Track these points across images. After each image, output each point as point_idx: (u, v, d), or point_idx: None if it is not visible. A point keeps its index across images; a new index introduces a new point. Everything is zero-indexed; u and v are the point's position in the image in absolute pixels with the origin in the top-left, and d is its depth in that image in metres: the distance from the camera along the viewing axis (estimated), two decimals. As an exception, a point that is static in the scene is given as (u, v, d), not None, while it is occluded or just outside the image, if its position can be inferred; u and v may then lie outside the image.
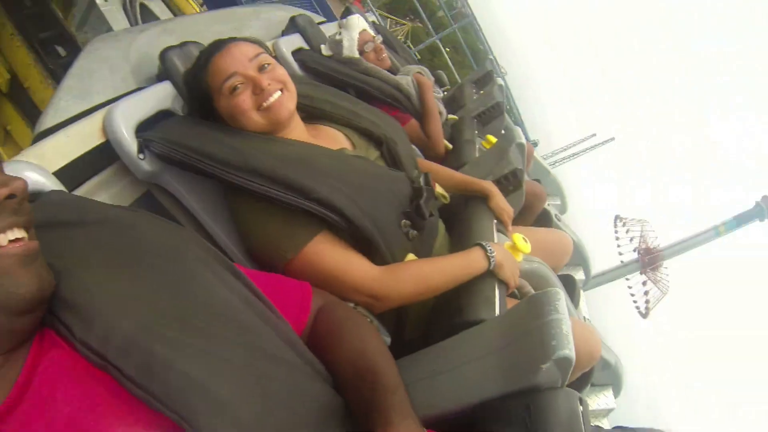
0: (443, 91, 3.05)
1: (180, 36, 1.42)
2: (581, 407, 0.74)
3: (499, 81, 2.94)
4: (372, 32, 2.14)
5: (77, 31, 2.12)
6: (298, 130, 1.16)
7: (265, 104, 1.05)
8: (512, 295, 1.22)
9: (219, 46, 1.09)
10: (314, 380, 0.66)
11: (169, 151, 1.01)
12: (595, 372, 1.26)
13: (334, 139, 1.24)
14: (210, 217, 1.14)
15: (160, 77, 1.28)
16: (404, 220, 1.12)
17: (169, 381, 0.52)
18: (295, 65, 1.86)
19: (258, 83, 1.04)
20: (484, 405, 0.82)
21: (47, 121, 1.07)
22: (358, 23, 2.08)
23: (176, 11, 2.48)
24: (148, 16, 2.20)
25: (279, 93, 1.07)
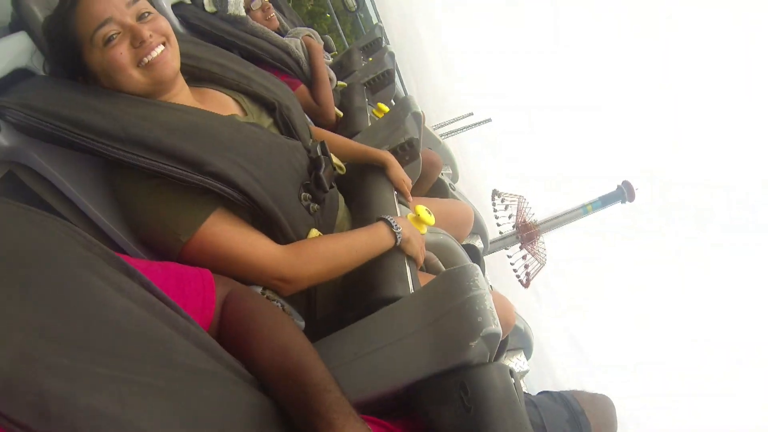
0: (331, 57, 3.00)
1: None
2: (513, 379, 0.75)
3: (390, 48, 2.93)
4: None
5: None
6: (183, 94, 1.03)
7: (146, 59, 0.91)
8: (421, 269, 1.22)
9: None
10: (240, 386, 0.61)
11: (32, 120, 0.81)
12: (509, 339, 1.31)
13: (223, 104, 1.13)
14: (90, 201, 0.95)
15: (13, 27, 1.02)
16: (304, 193, 1.06)
17: (74, 421, 0.41)
18: (175, 20, 1.67)
19: (138, 34, 0.89)
20: (416, 385, 0.80)
21: None
22: None
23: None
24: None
25: (162, 47, 0.93)
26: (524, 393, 0.96)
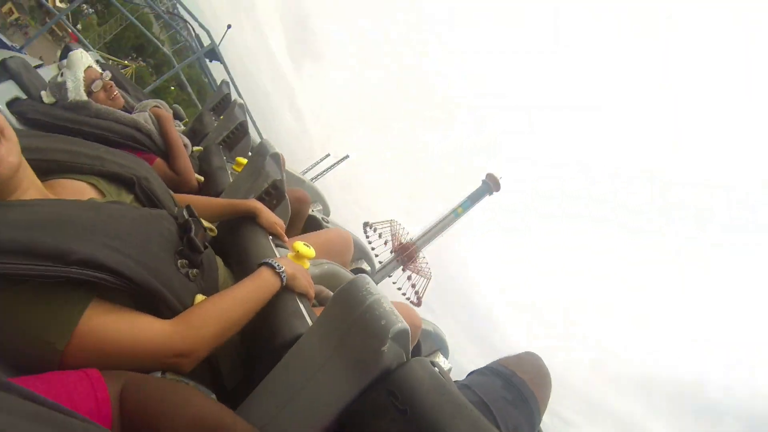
0: (183, 125, 2.94)
1: None
2: (436, 368, 0.78)
3: (239, 101, 2.94)
4: (98, 68, 1.92)
5: None
6: (33, 189, 0.95)
7: None
8: (314, 305, 1.23)
9: None
10: None
11: None
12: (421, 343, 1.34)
13: (78, 192, 1.07)
14: None
15: None
16: (180, 260, 1.02)
17: None
18: (12, 119, 1.57)
19: None
20: (348, 412, 0.80)
21: None
22: (82, 59, 1.83)
23: None
24: None
25: None
26: (454, 381, 0.99)
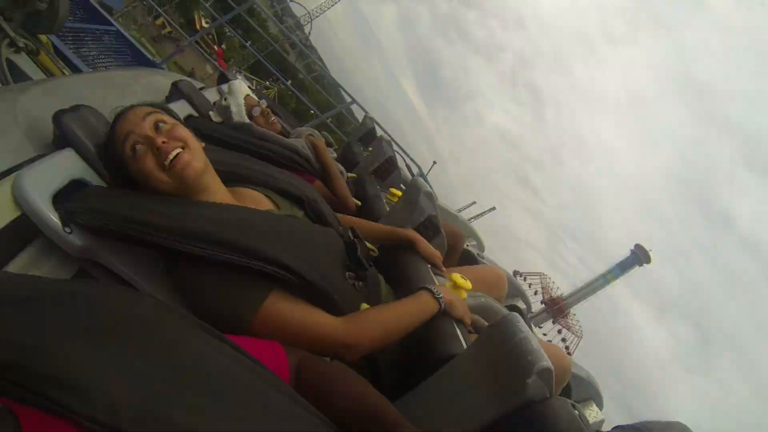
0: (334, 152, 3.21)
1: (64, 99, 1.39)
2: (576, 411, 0.83)
3: (385, 137, 3.18)
4: (255, 97, 2.24)
5: None
6: (221, 193, 1.20)
7: (166, 162, 1.09)
8: (469, 331, 1.34)
9: (121, 112, 1.16)
10: (320, 427, 0.72)
11: (99, 221, 1.00)
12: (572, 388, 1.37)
13: (257, 200, 1.30)
14: (155, 290, 1.11)
15: (57, 143, 1.24)
16: (348, 273, 1.20)
17: None
18: None
19: (152, 141, 1.10)
20: (488, 430, 0.90)
21: None
22: (241, 88, 2.18)
23: (45, 71, 2.43)
24: (14, 71, 2.12)
25: (179, 150, 1.11)
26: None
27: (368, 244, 1.51)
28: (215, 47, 27.72)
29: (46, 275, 1.02)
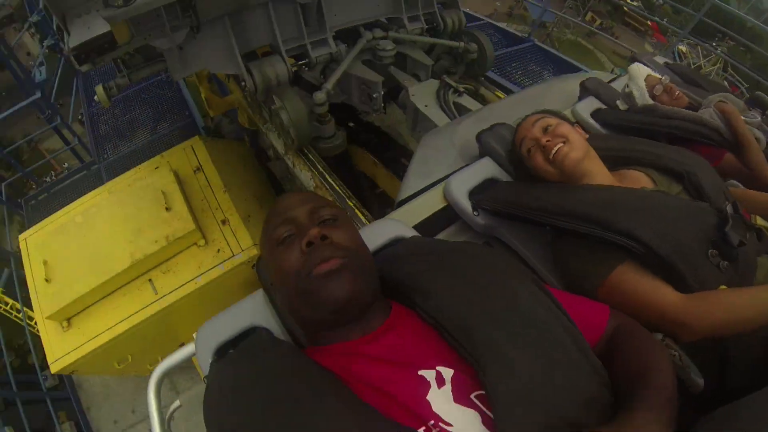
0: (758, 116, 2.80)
1: (489, 121, 1.88)
2: None
3: None
4: (657, 74, 2.23)
5: (411, 132, 2.94)
6: (601, 176, 1.40)
7: (550, 156, 1.38)
8: None
9: (519, 122, 1.53)
10: (593, 382, 0.79)
11: (498, 206, 1.43)
12: None
13: (636, 180, 1.44)
14: (537, 260, 1.45)
15: (480, 155, 1.76)
16: (711, 250, 1.15)
17: (473, 338, 0.80)
18: (596, 125, 2.09)
19: (538, 142, 1.41)
20: None
21: (403, 194, 1.68)
22: (640, 71, 2.20)
23: (483, 102, 3.10)
24: (460, 109, 2.84)
25: (560, 145, 1.37)
26: None
27: (761, 222, 1.39)
28: (648, 23, 26.19)
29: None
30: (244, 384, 0.84)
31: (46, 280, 2.96)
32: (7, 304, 9.21)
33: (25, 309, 6.41)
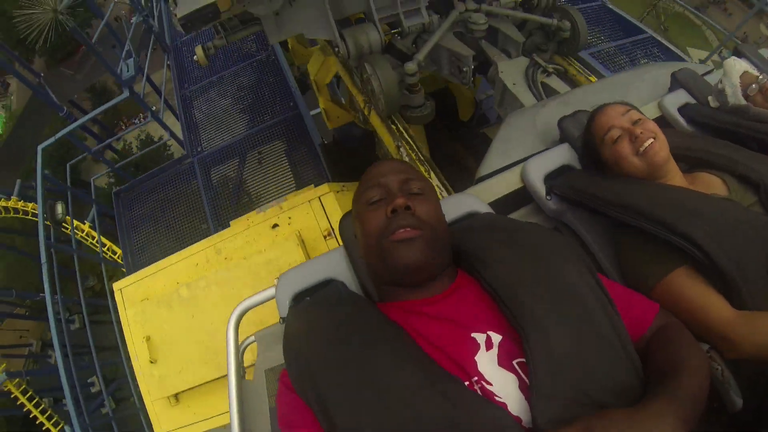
0: None
1: (573, 106, 1.95)
2: None
3: None
4: (755, 72, 2.06)
5: (498, 108, 3.02)
6: (677, 178, 1.42)
7: (641, 149, 1.39)
8: None
9: (598, 109, 1.55)
10: (626, 372, 0.85)
11: (570, 194, 1.50)
12: None
13: (709, 184, 1.43)
14: (600, 250, 1.49)
15: (560, 140, 1.83)
16: None
17: (521, 309, 0.89)
18: (681, 121, 2.02)
19: (632, 132, 1.41)
20: None
21: (483, 170, 1.80)
22: (736, 66, 1.98)
23: (571, 84, 3.10)
24: (548, 90, 2.88)
25: (651, 140, 1.38)
26: None
27: None
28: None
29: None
30: (319, 326, 0.99)
31: (151, 362, 2.92)
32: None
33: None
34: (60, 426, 11.30)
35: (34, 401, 11.66)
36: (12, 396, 11.52)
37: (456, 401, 0.77)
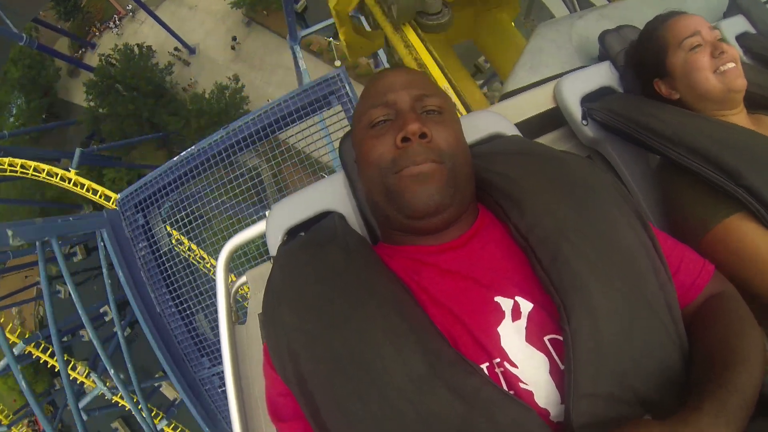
0: None
1: (615, 21, 1.73)
2: None
3: None
4: None
5: (524, 19, 2.79)
6: (740, 116, 1.28)
7: (722, 68, 1.23)
8: None
9: (677, 12, 1.34)
10: (673, 348, 0.73)
11: (612, 120, 1.31)
12: None
13: None
14: (638, 188, 1.37)
15: (600, 58, 1.62)
16: None
17: (563, 273, 0.72)
18: (740, 51, 1.83)
19: (717, 47, 1.24)
20: None
21: (509, 86, 1.58)
22: None
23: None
24: (582, 2, 2.63)
25: (734, 64, 1.23)
26: None
27: None
28: None
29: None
30: (306, 275, 0.82)
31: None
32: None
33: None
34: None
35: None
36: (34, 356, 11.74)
37: (470, 398, 0.64)
